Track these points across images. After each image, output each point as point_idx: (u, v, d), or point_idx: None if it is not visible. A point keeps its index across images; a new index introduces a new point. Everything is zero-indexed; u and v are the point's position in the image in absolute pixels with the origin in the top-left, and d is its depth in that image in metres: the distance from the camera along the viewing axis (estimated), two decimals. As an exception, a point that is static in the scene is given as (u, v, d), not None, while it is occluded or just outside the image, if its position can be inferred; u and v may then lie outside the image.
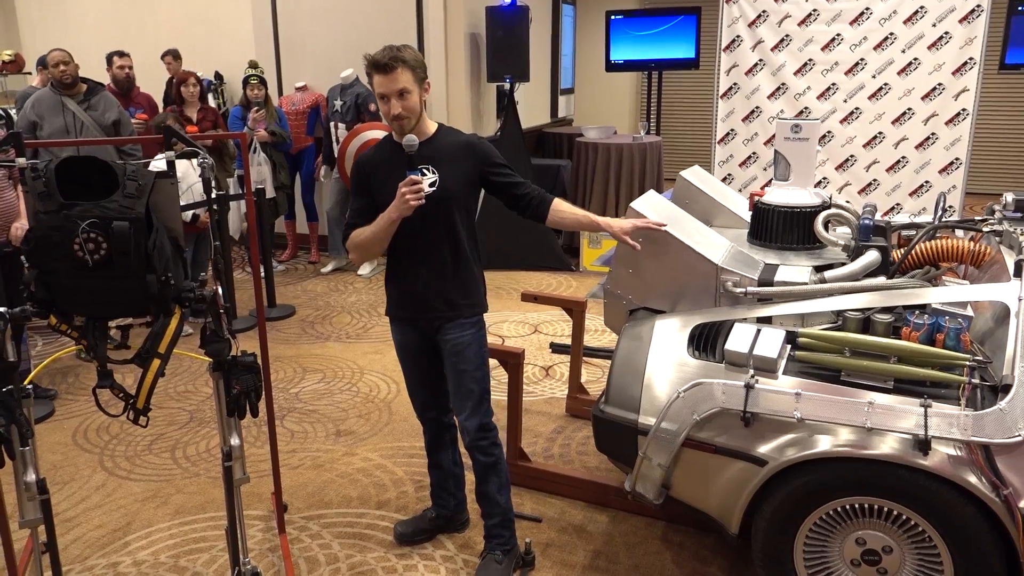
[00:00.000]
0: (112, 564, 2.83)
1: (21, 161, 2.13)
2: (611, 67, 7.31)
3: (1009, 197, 2.77)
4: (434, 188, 2.49)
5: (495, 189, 2.60)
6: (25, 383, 2.23)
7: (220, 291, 2.33)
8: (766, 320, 2.52)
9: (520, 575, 2.75)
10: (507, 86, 6.63)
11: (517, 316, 5.47)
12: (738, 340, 2.36)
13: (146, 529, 3.05)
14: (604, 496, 3.13)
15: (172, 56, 6.95)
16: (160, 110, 6.29)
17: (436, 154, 2.52)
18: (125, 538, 2.99)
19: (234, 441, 2.48)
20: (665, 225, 2.56)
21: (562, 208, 2.59)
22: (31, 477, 2.21)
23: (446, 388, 2.79)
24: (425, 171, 2.50)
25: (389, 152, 2.54)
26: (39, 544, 2.38)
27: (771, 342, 2.34)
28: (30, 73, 8.37)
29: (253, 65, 6.31)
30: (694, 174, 3.43)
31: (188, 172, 4.79)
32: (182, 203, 4.62)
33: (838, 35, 5.60)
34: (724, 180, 6.02)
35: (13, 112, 5.19)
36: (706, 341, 2.51)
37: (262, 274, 4.62)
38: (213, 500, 3.23)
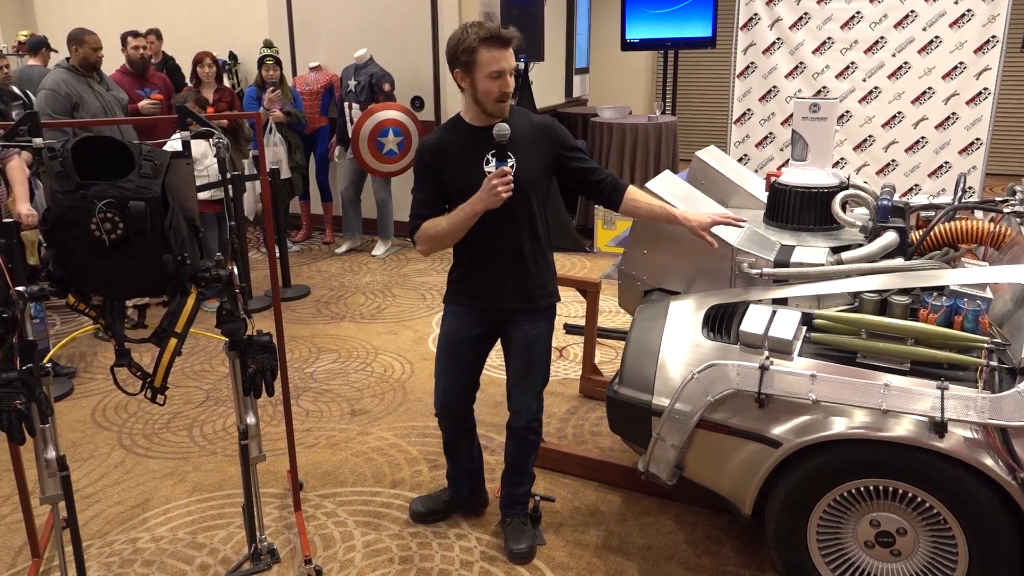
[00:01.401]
0: (131, 540, 2.87)
1: (38, 141, 2.14)
2: (627, 46, 7.24)
3: (1031, 178, 2.73)
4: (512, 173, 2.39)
5: (569, 174, 2.52)
6: (44, 361, 2.26)
7: (236, 271, 2.34)
8: (782, 301, 2.50)
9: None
10: (522, 66, 6.58)
11: (531, 297, 5.46)
12: (753, 321, 2.35)
13: (164, 506, 3.09)
14: (617, 477, 3.14)
15: (155, 36, 6.93)
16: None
17: (513, 137, 2.39)
18: (144, 515, 3.03)
19: (250, 420, 2.51)
20: (745, 220, 2.49)
21: (637, 196, 2.52)
22: (51, 454, 2.24)
23: (475, 391, 2.78)
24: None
25: (461, 136, 2.44)
26: (60, 520, 2.42)
27: (787, 324, 2.32)
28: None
29: (268, 45, 6.29)
30: (710, 154, 3.41)
31: (206, 153, 4.81)
32: (200, 183, 4.68)
33: (858, 13, 5.52)
34: (740, 160, 5.98)
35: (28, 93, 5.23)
36: (721, 322, 2.50)
37: (277, 255, 4.64)
38: (230, 478, 3.26)
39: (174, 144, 2.36)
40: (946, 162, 5.58)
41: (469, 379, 2.73)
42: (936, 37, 5.39)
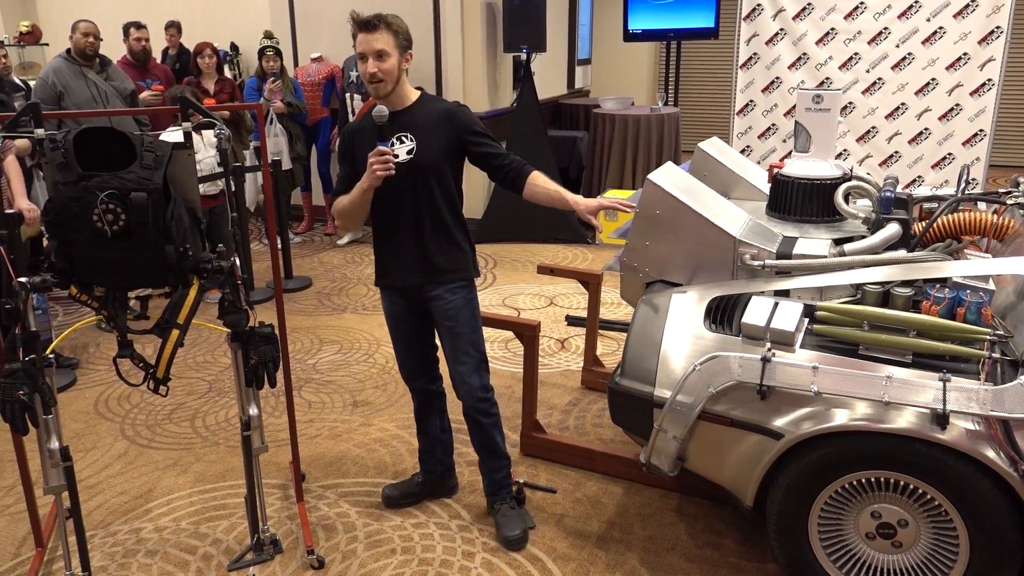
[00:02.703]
0: (134, 530, 2.88)
1: (40, 132, 2.14)
2: (629, 37, 7.21)
3: (1034, 169, 2.72)
4: (411, 156, 2.52)
5: (474, 158, 2.62)
6: (47, 352, 2.27)
7: (237, 262, 2.34)
8: (784, 293, 2.50)
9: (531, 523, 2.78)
10: (524, 56, 6.56)
11: (533, 288, 5.47)
12: (755, 313, 2.35)
13: (167, 496, 3.10)
14: (619, 468, 3.14)
15: (176, 29, 6.94)
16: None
17: (414, 122, 2.55)
18: (147, 505, 3.04)
19: (252, 411, 2.51)
20: (635, 206, 2.55)
21: (537, 183, 2.59)
22: (54, 445, 2.25)
23: (434, 356, 2.86)
24: (404, 139, 2.53)
25: (372, 121, 2.55)
26: (63, 510, 2.43)
27: (789, 315, 2.32)
28: (47, 44, 8.37)
29: (268, 36, 6.28)
30: (712, 146, 3.40)
31: (198, 147, 4.80)
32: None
33: (861, 3, 5.49)
34: (743, 152, 5.96)
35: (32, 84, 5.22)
36: (723, 314, 2.50)
37: (279, 246, 4.64)
38: (232, 469, 3.27)
39: (169, 135, 2.36)
40: (949, 153, 5.56)
41: (420, 348, 2.82)
42: (940, 28, 5.36)
